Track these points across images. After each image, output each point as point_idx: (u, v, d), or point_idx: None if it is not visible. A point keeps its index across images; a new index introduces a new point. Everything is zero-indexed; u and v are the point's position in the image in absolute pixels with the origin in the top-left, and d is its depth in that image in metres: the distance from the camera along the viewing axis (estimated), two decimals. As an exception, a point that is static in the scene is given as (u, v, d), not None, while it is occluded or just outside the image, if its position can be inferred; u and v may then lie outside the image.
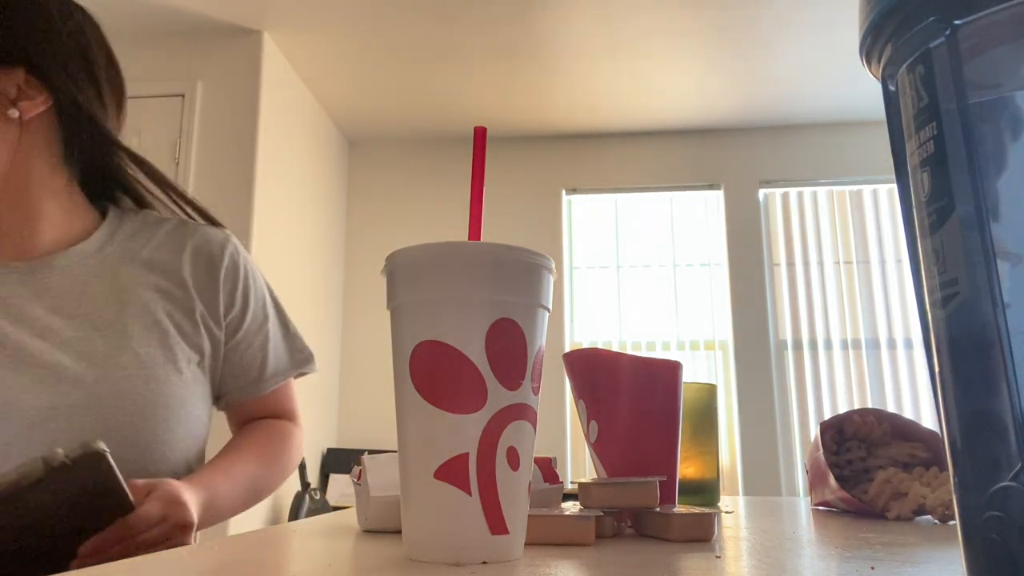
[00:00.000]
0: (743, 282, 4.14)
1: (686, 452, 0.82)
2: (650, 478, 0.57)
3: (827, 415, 3.90)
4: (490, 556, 0.41)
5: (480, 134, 0.47)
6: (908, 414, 3.94)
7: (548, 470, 0.66)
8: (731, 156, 4.26)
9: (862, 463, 0.80)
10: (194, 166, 3.22)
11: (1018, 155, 0.25)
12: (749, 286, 4.13)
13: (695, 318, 4.17)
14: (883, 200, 4.17)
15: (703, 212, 4.30)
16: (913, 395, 3.96)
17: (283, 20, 3.26)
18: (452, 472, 0.40)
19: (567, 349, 3.54)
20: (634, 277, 4.25)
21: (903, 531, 0.62)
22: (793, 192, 4.25)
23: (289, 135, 3.62)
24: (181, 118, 3.26)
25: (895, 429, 0.82)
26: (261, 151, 3.29)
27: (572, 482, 0.78)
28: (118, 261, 0.83)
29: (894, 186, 0.78)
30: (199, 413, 0.84)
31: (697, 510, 0.55)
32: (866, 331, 4.05)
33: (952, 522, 0.68)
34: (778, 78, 3.73)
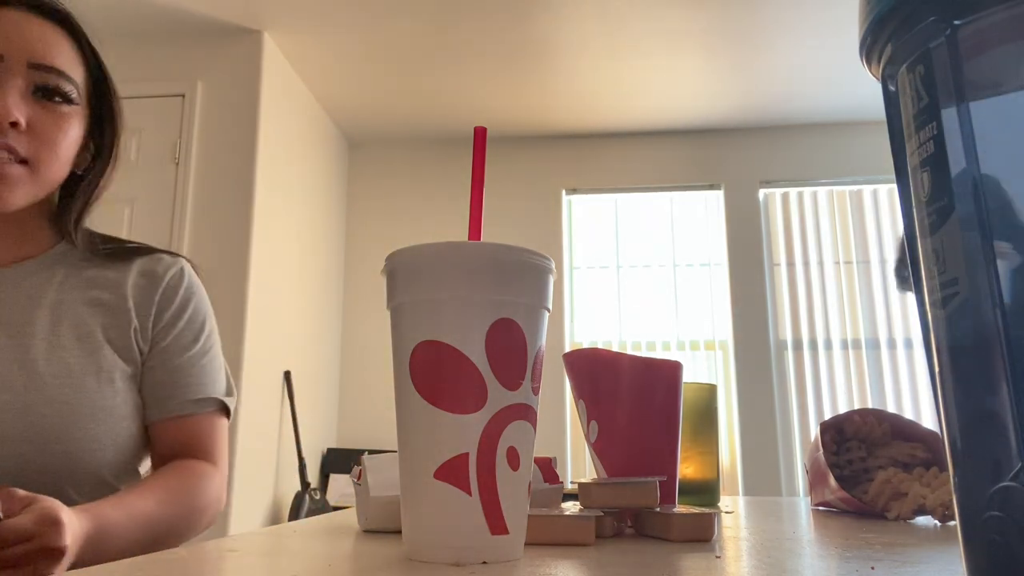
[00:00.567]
0: (743, 282, 4.14)
1: (686, 452, 0.82)
2: (650, 478, 0.57)
3: (827, 415, 3.90)
4: (490, 556, 0.41)
5: (480, 134, 0.47)
6: (908, 414, 3.94)
7: (548, 470, 0.67)
8: (731, 156, 4.26)
9: (862, 463, 0.80)
10: (194, 166, 3.22)
11: (1018, 155, 0.25)
12: (749, 286, 4.13)
13: (695, 318, 4.17)
14: (883, 200, 4.17)
15: (703, 212, 4.30)
16: (913, 395, 3.96)
17: (283, 20, 3.26)
18: (452, 472, 0.40)
19: (567, 349, 3.54)
20: (634, 277, 4.25)
21: (903, 531, 0.62)
22: (793, 192, 4.24)
23: (289, 135, 3.62)
24: (181, 118, 3.25)
25: (895, 429, 0.83)
26: (261, 151, 3.29)
27: (572, 482, 0.78)
28: (63, 278, 0.85)
29: (894, 186, 0.78)
30: (129, 425, 0.84)
31: (697, 510, 0.55)
32: (866, 331, 4.05)
33: (952, 522, 0.68)
34: (778, 78, 3.73)
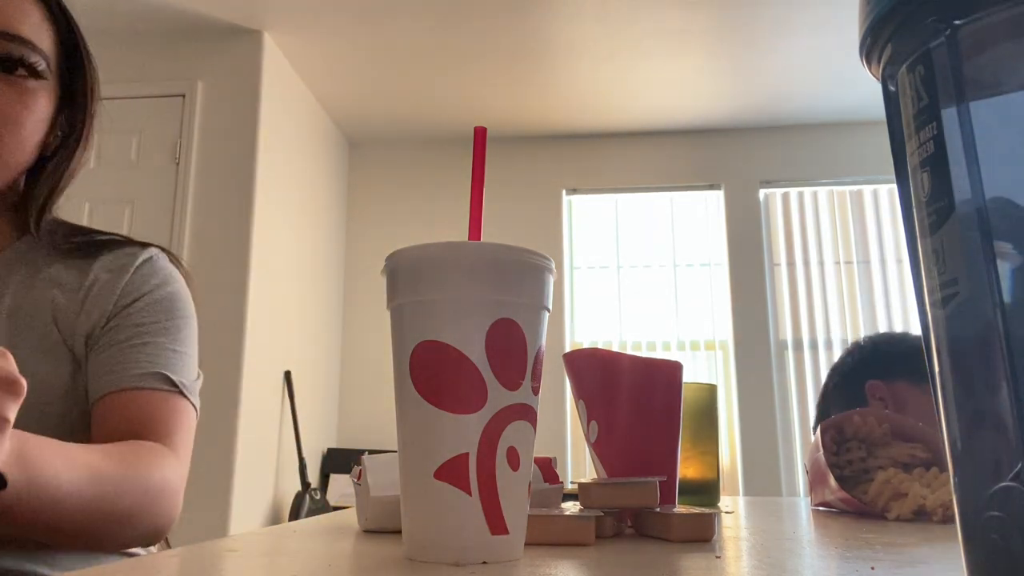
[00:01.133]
0: (743, 282, 4.14)
1: (686, 452, 0.82)
2: (650, 478, 0.57)
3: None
4: (490, 556, 0.41)
5: (480, 134, 0.47)
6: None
7: (548, 470, 0.66)
8: (731, 156, 4.26)
9: (862, 463, 0.80)
10: (194, 166, 3.22)
11: (1018, 155, 0.25)
12: (749, 286, 4.13)
13: (695, 318, 4.17)
14: (883, 200, 4.17)
15: (703, 212, 4.30)
16: (913, 395, 3.95)
17: (283, 20, 3.26)
18: (452, 472, 0.40)
19: (567, 349, 3.54)
20: (634, 277, 4.25)
21: (903, 531, 0.62)
22: (793, 192, 4.24)
23: (289, 135, 3.62)
24: (181, 118, 3.25)
25: (895, 429, 0.83)
26: (261, 151, 3.29)
27: (572, 482, 0.78)
28: (23, 278, 0.80)
29: (894, 186, 0.78)
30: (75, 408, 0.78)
31: (697, 510, 0.55)
32: (866, 331, 4.04)
33: (952, 522, 0.68)
34: (778, 78, 3.72)
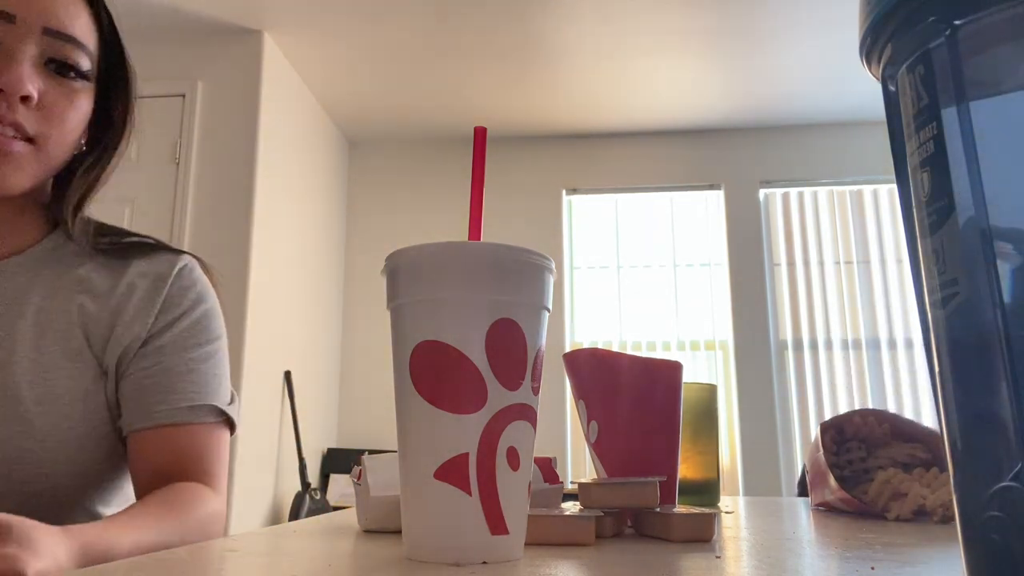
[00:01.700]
0: (743, 282, 4.14)
1: (686, 452, 0.82)
2: (650, 478, 0.57)
3: (827, 415, 3.90)
4: (490, 556, 0.41)
5: (480, 134, 0.47)
6: (908, 414, 3.94)
7: (548, 470, 0.66)
8: (731, 156, 4.26)
9: (862, 463, 0.80)
10: (194, 166, 3.22)
11: (1018, 155, 0.25)
12: (749, 286, 4.13)
13: (695, 318, 4.17)
14: (883, 200, 4.17)
15: (703, 212, 4.30)
16: (913, 395, 3.95)
17: (283, 20, 3.26)
18: (452, 472, 0.40)
19: (567, 349, 3.54)
20: (634, 277, 4.25)
21: (903, 531, 0.62)
22: (793, 192, 4.24)
23: (289, 135, 3.62)
24: (181, 118, 3.25)
25: (895, 429, 0.82)
26: (261, 151, 3.29)
27: (572, 482, 0.78)
28: (51, 279, 0.78)
29: (894, 186, 0.78)
30: (112, 444, 0.77)
31: (697, 510, 0.55)
32: (866, 331, 4.05)
33: (952, 522, 0.68)
34: (778, 78, 3.72)
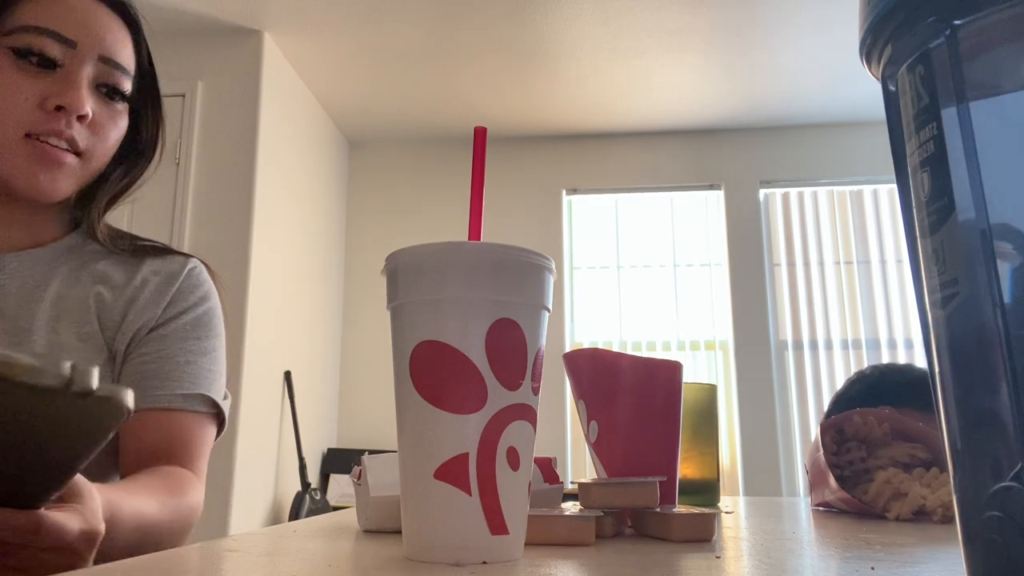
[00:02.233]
0: (743, 282, 4.14)
1: (686, 452, 0.82)
2: (650, 478, 0.57)
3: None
4: (490, 556, 0.41)
5: (480, 134, 0.47)
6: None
7: (548, 470, 0.66)
8: (731, 156, 4.26)
9: (862, 463, 0.80)
10: (194, 166, 3.22)
11: (1018, 155, 0.25)
12: (749, 286, 4.13)
13: (695, 318, 4.17)
14: (883, 200, 4.17)
15: (703, 212, 4.30)
16: (913, 395, 3.95)
17: (283, 20, 3.26)
18: (452, 472, 0.40)
19: (567, 349, 3.54)
20: (634, 277, 4.25)
21: (903, 531, 0.62)
22: (793, 192, 4.24)
23: (289, 135, 3.62)
24: (181, 118, 3.25)
25: (895, 429, 0.83)
26: (261, 151, 3.29)
27: (572, 482, 0.78)
28: (70, 270, 0.80)
29: (894, 186, 0.78)
30: None
31: (697, 510, 0.55)
32: (866, 331, 4.05)
33: (952, 522, 0.68)
34: (778, 78, 3.72)
